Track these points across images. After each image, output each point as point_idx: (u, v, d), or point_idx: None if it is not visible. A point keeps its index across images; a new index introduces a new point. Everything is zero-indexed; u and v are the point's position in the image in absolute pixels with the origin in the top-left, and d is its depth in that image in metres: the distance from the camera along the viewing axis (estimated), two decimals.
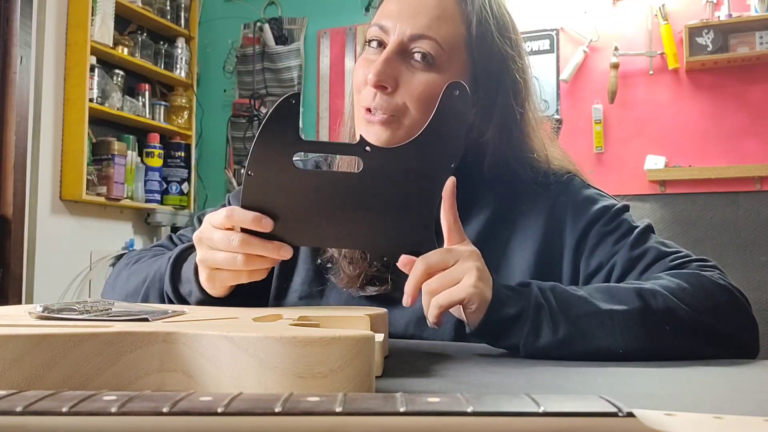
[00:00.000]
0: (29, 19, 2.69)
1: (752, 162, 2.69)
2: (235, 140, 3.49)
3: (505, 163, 0.87)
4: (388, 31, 0.83)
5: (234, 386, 0.43)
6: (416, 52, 0.82)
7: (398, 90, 0.82)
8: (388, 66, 0.81)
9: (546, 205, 0.87)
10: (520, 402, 0.28)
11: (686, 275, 0.73)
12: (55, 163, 2.81)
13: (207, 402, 0.27)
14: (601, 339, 0.66)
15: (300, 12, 3.48)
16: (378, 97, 0.81)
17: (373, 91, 0.82)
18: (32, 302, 2.63)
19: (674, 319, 0.68)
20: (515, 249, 0.86)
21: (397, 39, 0.82)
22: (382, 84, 0.81)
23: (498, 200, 0.88)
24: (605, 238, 0.83)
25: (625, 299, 0.68)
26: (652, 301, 0.68)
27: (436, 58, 0.82)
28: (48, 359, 0.43)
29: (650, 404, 0.44)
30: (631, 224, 0.84)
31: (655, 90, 2.85)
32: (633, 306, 0.68)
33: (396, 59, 0.82)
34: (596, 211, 0.85)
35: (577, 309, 0.67)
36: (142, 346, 0.46)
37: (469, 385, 0.53)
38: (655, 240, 0.83)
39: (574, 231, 0.85)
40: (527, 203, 0.88)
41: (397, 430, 0.26)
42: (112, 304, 0.62)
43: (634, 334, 0.67)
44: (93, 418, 0.26)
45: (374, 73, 0.80)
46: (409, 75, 0.82)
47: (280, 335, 0.43)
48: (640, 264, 0.79)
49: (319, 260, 0.91)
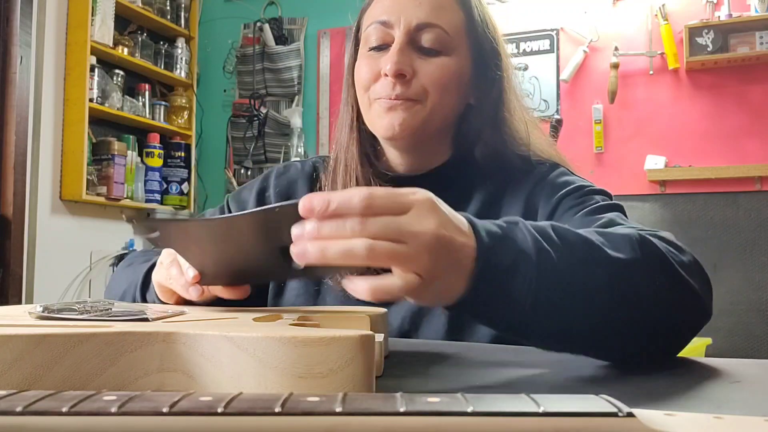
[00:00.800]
0: (29, 19, 2.69)
1: (752, 162, 2.69)
2: (235, 140, 3.49)
3: (496, 151, 0.89)
4: (391, 25, 0.85)
5: (234, 386, 0.43)
6: (425, 41, 0.85)
7: (416, 77, 0.84)
8: (403, 55, 0.84)
9: (527, 189, 0.87)
10: (520, 402, 0.28)
11: (651, 233, 0.63)
12: (55, 163, 2.81)
13: (207, 402, 0.27)
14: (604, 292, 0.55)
15: (300, 12, 3.48)
16: (398, 87, 0.84)
17: (391, 81, 0.84)
18: (32, 302, 2.63)
19: (666, 272, 0.59)
20: None
21: (405, 30, 0.85)
22: (402, 72, 0.83)
23: (491, 189, 0.89)
24: (570, 210, 0.81)
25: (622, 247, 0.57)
26: (647, 251, 0.58)
27: (443, 43, 0.85)
28: (48, 359, 0.43)
29: (650, 404, 0.44)
30: (599, 201, 0.80)
31: (655, 90, 2.85)
32: (632, 255, 0.57)
33: (407, 48, 0.85)
34: (570, 188, 0.84)
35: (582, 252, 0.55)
36: (142, 346, 0.46)
37: (469, 385, 0.53)
38: (617, 215, 0.76)
39: (545, 208, 0.84)
40: (512, 189, 0.88)
41: (397, 430, 0.26)
42: (112, 304, 0.62)
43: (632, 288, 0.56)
44: (93, 418, 0.26)
45: (393, 63, 0.83)
46: (423, 62, 0.85)
47: (280, 335, 0.43)
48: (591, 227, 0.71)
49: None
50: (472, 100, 0.90)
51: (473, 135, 0.89)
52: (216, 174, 3.54)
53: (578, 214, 0.79)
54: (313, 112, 3.43)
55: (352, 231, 0.46)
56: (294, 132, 3.38)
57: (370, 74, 0.86)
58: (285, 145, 3.39)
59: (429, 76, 0.84)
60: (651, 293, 0.57)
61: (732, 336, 2.62)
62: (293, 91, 3.45)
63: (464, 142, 0.90)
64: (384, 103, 0.85)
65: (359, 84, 0.88)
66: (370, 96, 0.87)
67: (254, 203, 0.96)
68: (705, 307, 0.63)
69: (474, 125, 0.89)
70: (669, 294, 0.59)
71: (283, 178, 0.98)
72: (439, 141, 0.91)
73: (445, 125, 0.89)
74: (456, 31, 0.86)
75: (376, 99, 0.86)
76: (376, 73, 0.86)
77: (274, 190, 0.97)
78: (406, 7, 0.85)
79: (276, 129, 3.42)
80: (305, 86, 3.46)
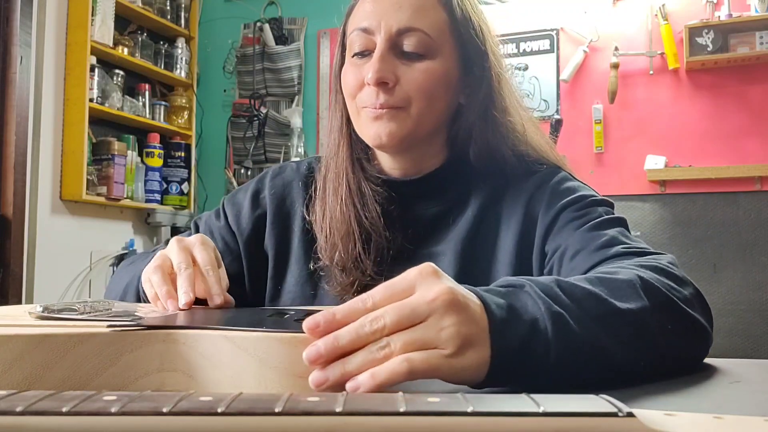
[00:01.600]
0: (29, 19, 2.69)
1: (752, 162, 2.69)
2: (235, 140, 3.49)
3: (490, 151, 0.87)
4: (372, 31, 0.84)
5: (234, 386, 0.43)
6: (407, 45, 0.83)
7: (399, 83, 0.82)
8: (384, 62, 0.82)
9: (527, 193, 0.86)
10: (520, 402, 0.28)
11: (650, 267, 0.64)
12: (55, 163, 2.81)
13: (207, 402, 0.27)
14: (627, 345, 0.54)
15: (300, 12, 3.48)
16: (381, 95, 0.82)
17: (374, 90, 0.82)
18: (32, 302, 2.63)
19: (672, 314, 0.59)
20: (501, 240, 0.85)
21: (385, 36, 0.83)
22: (384, 80, 0.81)
23: (488, 191, 0.88)
24: (571, 223, 0.80)
25: (628, 295, 0.57)
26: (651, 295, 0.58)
27: (426, 47, 0.83)
28: (48, 359, 0.43)
29: (650, 404, 0.44)
30: (600, 214, 0.81)
31: (655, 90, 2.85)
32: (640, 304, 0.57)
33: (389, 55, 0.83)
34: (570, 199, 0.83)
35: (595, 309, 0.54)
36: (142, 346, 0.46)
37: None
38: (618, 231, 0.77)
39: (545, 217, 0.83)
40: (511, 193, 0.87)
41: (397, 430, 0.26)
42: (112, 304, 0.62)
43: (645, 338, 0.56)
44: (93, 418, 0.26)
45: (374, 71, 0.81)
46: (406, 68, 0.83)
47: (280, 335, 0.43)
48: (591, 245, 0.75)
49: (312, 266, 0.90)
50: (462, 100, 0.88)
51: (465, 134, 0.87)
52: (216, 174, 3.54)
53: (579, 229, 0.78)
54: (313, 112, 3.43)
55: (380, 349, 0.44)
56: (294, 132, 3.38)
57: (354, 82, 0.85)
58: (285, 145, 3.39)
59: (413, 82, 0.82)
60: (661, 336, 0.58)
61: (732, 336, 2.62)
62: (293, 91, 3.45)
63: (458, 143, 0.88)
64: (370, 112, 0.83)
65: (346, 91, 0.87)
66: (357, 104, 0.85)
67: (249, 206, 0.95)
68: (709, 336, 0.64)
69: (465, 124, 0.87)
70: (677, 333, 0.59)
71: (279, 179, 0.97)
72: (432, 144, 0.89)
73: (436, 128, 0.87)
74: (439, 32, 0.84)
75: (362, 107, 0.84)
76: (360, 81, 0.84)
77: (269, 192, 0.96)
78: (387, 12, 0.83)
79: (276, 129, 3.42)
80: (305, 86, 3.46)
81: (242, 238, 0.94)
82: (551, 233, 0.82)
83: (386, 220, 0.86)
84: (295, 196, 0.95)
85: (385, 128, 0.82)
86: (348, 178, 0.88)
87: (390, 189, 0.88)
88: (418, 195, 0.89)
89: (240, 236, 0.94)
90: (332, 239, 0.87)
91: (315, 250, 0.90)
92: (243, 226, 0.94)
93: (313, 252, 0.90)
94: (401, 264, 0.59)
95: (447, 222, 0.88)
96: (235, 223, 0.95)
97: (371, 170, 0.89)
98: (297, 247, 0.92)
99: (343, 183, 0.88)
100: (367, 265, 0.85)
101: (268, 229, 0.94)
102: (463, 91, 0.88)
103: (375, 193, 0.87)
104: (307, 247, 0.91)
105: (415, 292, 0.46)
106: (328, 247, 0.87)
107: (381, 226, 0.86)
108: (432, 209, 0.88)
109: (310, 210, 0.92)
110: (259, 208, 0.95)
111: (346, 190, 0.88)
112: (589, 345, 0.52)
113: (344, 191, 0.88)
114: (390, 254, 0.85)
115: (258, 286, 0.93)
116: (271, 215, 0.94)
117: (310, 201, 0.92)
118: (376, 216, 0.86)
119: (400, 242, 0.86)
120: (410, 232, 0.87)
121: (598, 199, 0.84)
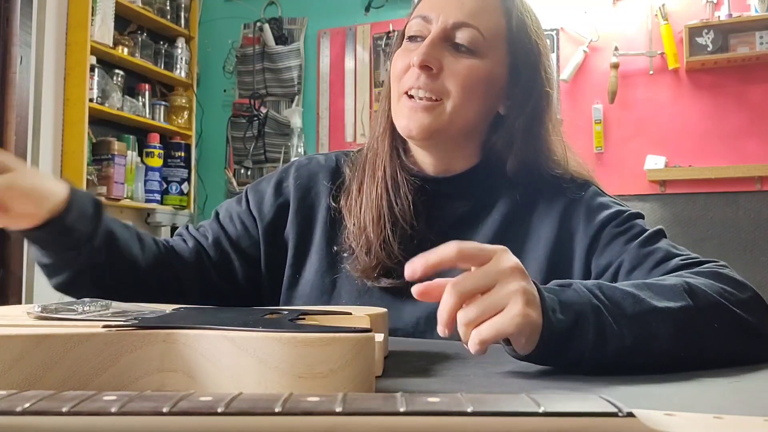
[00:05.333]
0: (29, 19, 2.69)
1: (752, 162, 2.69)
2: (235, 140, 3.49)
3: (526, 163, 0.89)
4: (431, 20, 0.86)
5: (234, 386, 0.43)
6: (459, 38, 0.85)
7: (442, 72, 0.84)
8: (433, 48, 0.84)
9: (560, 207, 0.88)
10: (520, 402, 0.28)
11: (707, 273, 0.70)
12: (55, 163, 2.81)
13: (207, 402, 0.27)
14: (664, 341, 0.60)
15: (300, 12, 3.48)
16: (422, 78, 0.84)
17: (417, 72, 0.84)
18: (32, 302, 2.62)
19: (720, 315, 0.64)
20: (528, 249, 0.87)
21: (441, 26, 0.85)
22: (428, 64, 0.83)
23: (516, 200, 0.90)
24: (616, 238, 0.83)
25: (671, 296, 0.63)
26: (696, 297, 0.63)
27: (478, 45, 0.85)
28: (48, 359, 0.43)
29: (650, 404, 0.44)
30: (642, 227, 0.85)
31: (655, 90, 2.85)
32: (682, 303, 0.62)
33: (440, 44, 0.85)
34: (609, 214, 0.86)
35: (632, 308, 0.60)
36: (142, 346, 0.46)
37: (469, 385, 0.53)
38: (666, 242, 0.83)
39: (586, 233, 0.85)
40: (543, 205, 0.89)
41: (397, 430, 0.26)
42: (111, 304, 0.62)
43: (688, 335, 0.61)
44: (93, 418, 0.26)
45: (420, 53, 0.83)
46: (452, 59, 0.85)
47: (280, 335, 0.43)
48: (649, 260, 0.79)
49: (335, 248, 0.92)
50: (501, 110, 0.89)
51: (504, 145, 0.89)
52: (216, 174, 3.54)
53: (629, 245, 0.81)
54: (313, 112, 3.43)
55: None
56: (294, 132, 3.38)
57: (402, 65, 0.87)
58: (285, 145, 3.39)
59: (456, 75, 0.84)
60: (705, 334, 0.63)
61: None
62: (293, 91, 3.45)
63: (495, 151, 0.90)
64: (406, 102, 0.85)
65: (393, 74, 0.89)
66: (400, 88, 0.87)
67: (272, 193, 0.96)
68: (763, 336, 0.68)
69: (505, 135, 0.88)
70: (724, 333, 0.64)
71: (305, 169, 0.98)
72: (463, 146, 0.90)
73: (468, 130, 0.88)
74: (493, 35, 0.86)
75: (401, 93, 0.86)
76: (407, 64, 0.86)
77: (294, 181, 0.97)
78: (449, 5, 0.86)
79: (276, 129, 3.42)
80: (305, 86, 3.46)
81: (262, 224, 0.95)
82: (596, 249, 0.84)
83: (415, 211, 0.88)
84: (321, 188, 0.96)
85: (418, 120, 0.84)
86: (385, 163, 0.91)
87: (422, 184, 0.90)
88: (447, 194, 0.91)
89: (261, 222, 0.95)
90: (363, 221, 0.88)
91: (340, 233, 0.92)
92: (264, 212, 0.95)
93: (339, 233, 0.92)
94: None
95: (473, 224, 0.90)
96: (256, 209, 0.96)
97: (407, 161, 0.92)
98: (319, 237, 0.93)
99: (381, 167, 0.91)
100: (393, 248, 0.86)
101: (291, 218, 0.95)
102: (505, 101, 0.89)
103: (408, 183, 0.89)
104: (329, 238, 0.93)
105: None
106: (356, 229, 0.89)
107: (410, 216, 0.88)
108: (459, 209, 0.91)
109: (342, 195, 0.93)
110: (282, 196, 0.96)
111: (381, 174, 0.90)
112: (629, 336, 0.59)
113: (380, 174, 0.90)
114: (414, 243, 0.86)
115: (276, 272, 0.94)
116: (294, 204, 0.95)
117: (338, 192, 0.94)
118: (407, 205, 0.88)
119: (426, 235, 0.87)
120: (435, 227, 0.88)
121: (633, 212, 0.87)
